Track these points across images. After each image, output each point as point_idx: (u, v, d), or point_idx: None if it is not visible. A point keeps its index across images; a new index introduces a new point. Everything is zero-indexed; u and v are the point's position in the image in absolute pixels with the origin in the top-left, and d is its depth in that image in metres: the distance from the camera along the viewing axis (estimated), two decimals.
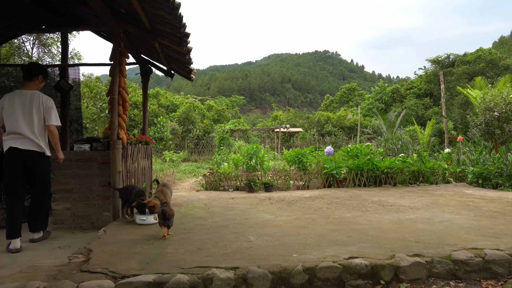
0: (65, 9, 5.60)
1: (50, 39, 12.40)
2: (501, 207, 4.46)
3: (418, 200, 5.19)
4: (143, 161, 5.33)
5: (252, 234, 3.25)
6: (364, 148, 8.02)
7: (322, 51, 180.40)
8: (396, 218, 3.89)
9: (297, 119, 34.41)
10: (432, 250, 2.59)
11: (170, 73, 6.12)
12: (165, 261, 2.46)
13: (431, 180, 7.43)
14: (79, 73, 7.09)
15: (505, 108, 9.10)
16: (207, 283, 2.13)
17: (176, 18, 3.47)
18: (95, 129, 18.48)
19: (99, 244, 2.94)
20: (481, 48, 33.47)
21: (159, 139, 19.99)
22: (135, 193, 3.86)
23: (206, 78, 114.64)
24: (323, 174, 7.24)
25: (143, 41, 5.11)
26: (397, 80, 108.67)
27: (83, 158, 4.18)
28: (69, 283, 2.09)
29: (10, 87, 6.91)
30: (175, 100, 36.91)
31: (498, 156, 6.87)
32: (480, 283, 2.35)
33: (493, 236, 3.02)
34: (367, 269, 2.31)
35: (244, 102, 57.89)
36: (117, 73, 4.20)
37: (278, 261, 2.40)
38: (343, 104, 49.35)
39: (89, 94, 18.25)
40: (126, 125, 4.47)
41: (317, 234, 3.20)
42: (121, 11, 4.31)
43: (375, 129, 25.62)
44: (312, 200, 5.42)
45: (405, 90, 37.92)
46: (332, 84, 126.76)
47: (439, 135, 21.84)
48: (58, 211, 4.15)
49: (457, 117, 14.97)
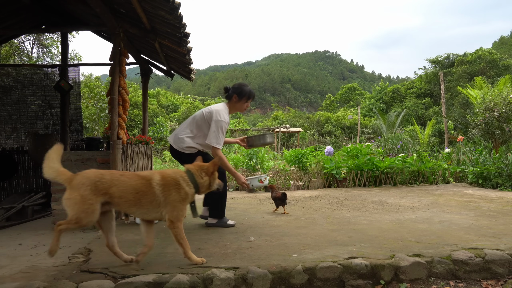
0: (65, 9, 5.60)
1: (50, 39, 12.40)
2: (501, 207, 4.46)
3: (418, 200, 5.19)
4: (143, 161, 5.32)
5: (252, 234, 3.25)
6: (364, 148, 8.02)
7: (322, 51, 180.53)
8: (396, 218, 3.89)
9: (297, 119, 34.43)
10: (432, 250, 2.59)
11: (170, 73, 6.12)
12: (165, 261, 2.46)
13: (431, 180, 7.43)
14: (79, 73, 7.09)
15: (505, 108, 9.10)
16: (207, 283, 2.13)
17: (176, 18, 3.47)
18: (95, 129, 18.49)
19: (99, 244, 2.94)
20: (481, 48, 33.51)
21: (159, 139, 20.01)
22: None
23: (206, 78, 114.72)
24: (323, 174, 7.24)
25: (143, 41, 5.11)
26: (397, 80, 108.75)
27: (83, 158, 4.18)
28: (69, 283, 2.09)
29: (10, 87, 6.92)
30: (175, 100, 36.93)
31: (498, 156, 6.87)
32: (480, 283, 2.35)
33: (493, 236, 3.02)
34: (367, 269, 2.31)
35: None
36: (117, 73, 4.20)
37: (278, 261, 2.40)
38: (344, 103, 49.37)
39: (89, 94, 18.27)
40: (126, 125, 4.47)
41: (317, 234, 3.20)
42: (121, 11, 4.31)
43: (375, 129, 25.64)
44: (312, 200, 5.42)
45: (405, 90, 37.95)
46: (332, 84, 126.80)
47: (439, 135, 21.87)
48: (58, 211, 4.14)
49: (457, 117, 14.95)
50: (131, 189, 2.36)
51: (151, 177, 2.43)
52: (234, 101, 3.66)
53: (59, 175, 2.33)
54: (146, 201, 2.38)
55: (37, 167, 6.39)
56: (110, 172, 2.44)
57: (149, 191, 2.38)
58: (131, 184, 2.38)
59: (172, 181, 2.44)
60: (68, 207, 2.29)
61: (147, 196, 2.38)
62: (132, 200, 2.36)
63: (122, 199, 2.35)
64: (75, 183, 2.31)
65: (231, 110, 3.72)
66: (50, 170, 2.32)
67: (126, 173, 2.49)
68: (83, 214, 2.26)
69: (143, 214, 2.44)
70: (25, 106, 6.92)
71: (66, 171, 2.37)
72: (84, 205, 2.26)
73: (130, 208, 2.40)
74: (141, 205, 2.39)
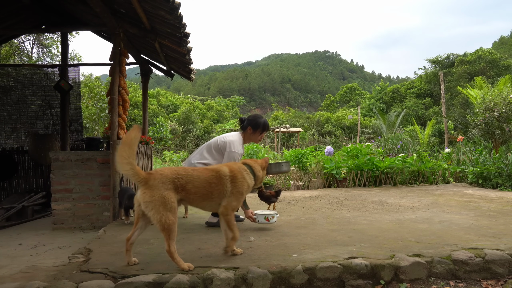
0: (65, 9, 5.60)
1: (50, 39, 12.39)
2: (501, 207, 4.46)
3: (418, 200, 5.19)
4: (143, 161, 5.32)
5: (252, 234, 3.25)
6: (364, 148, 8.02)
7: (322, 51, 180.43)
8: (396, 218, 3.89)
9: (297, 119, 34.42)
10: (432, 250, 2.59)
11: (170, 73, 6.12)
12: (165, 261, 2.46)
13: (431, 180, 7.43)
14: (79, 73, 7.10)
15: (505, 108, 9.10)
16: (207, 283, 2.13)
17: (176, 18, 3.47)
18: (95, 129, 18.49)
19: (99, 244, 2.94)
20: (481, 48, 33.50)
21: (159, 139, 20.02)
22: (128, 196, 3.83)
23: (206, 78, 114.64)
24: (323, 174, 7.24)
25: (143, 41, 5.11)
26: (397, 80, 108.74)
27: (83, 158, 4.18)
28: (69, 283, 2.09)
29: (10, 87, 6.92)
30: (175, 100, 36.94)
31: (498, 156, 6.87)
32: (480, 283, 2.35)
33: (493, 236, 3.02)
34: (367, 269, 2.30)
35: (243, 102, 57.83)
36: (117, 73, 4.20)
37: (278, 261, 2.40)
38: (343, 104, 49.37)
39: (89, 94, 18.27)
40: (126, 125, 4.47)
41: (317, 234, 3.20)
42: (121, 11, 4.31)
43: (375, 129, 25.64)
44: (312, 200, 5.42)
45: (405, 90, 37.94)
46: (332, 84, 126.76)
47: (439, 135, 21.86)
48: (58, 211, 4.15)
49: (457, 117, 14.96)
50: (205, 183, 2.43)
51: (219, 170, 2.54)
52: (249, 132, 3.69)
53: (135, 174, 2.22)
54: (217, 193, 2.47)
55: (37, 167, 6.39)
56: (182, 168, 2.47)
57: (220, 183, 2.48)
58: (204, 178, 2.44)
59: (238, 173, 2.57)
60: (152, 209, 2.20)
61: (218, 188, 2.47)
62: (205, 194, 2.43)
63: (197, 194, 2.40)
64: (154, 183, 2.24)
65: (246, 140, 3.76)
66: (127, 167, 2.21)
67: (196, 168, 2.55)
68: (170, 213, 2.21)
69: (212, 207, 2.54)
70: (25, 106, 6.92)
71: (141, 170, 2.27)
72: (168, 204, 2.22)
73: (202, 202, 2.47)
74: (211, 198, 2.47)
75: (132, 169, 2.21)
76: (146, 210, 2.23)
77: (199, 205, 2.50)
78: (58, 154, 4.20)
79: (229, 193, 2.50)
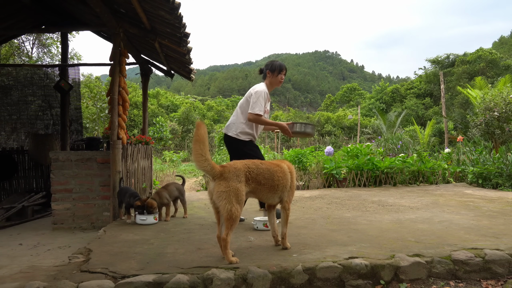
0: (65, 9, 5.60)
1: (50, 39, 12.40)
2: (501, 207, 4.46)
3: (418, 200, 5.19)
4: (143, 161, 5.33)
5: (252, 234, 3.25)
6: (364, 148, 8.01)
7: (322, 51, 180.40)
8: (396, 218, 3.89)
9: (297, 119, 34.40)
10: (432, 250, 2.59)
11: (170, 73, 6.12)
12: (165, 261, 2.46)
13: (431, 180, 7.43)
14: (79, 73, 7.10)
15: (505, 108, 9.09)
16: (207, 283, 2.13)
17: (176, 18, 3.47)
18: (95, 129, 18.48)
19: (99, 244, 2.94)
20: (481, 48, 33.48)
21: (159, 139, 20.00)
22: (129, 195, 3.84)
23: (206, 78, 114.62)
24: (323, 174, 7.24)
25: (143, 41, 5.11)
26: (397, 80, 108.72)
27: (83, 158, 4.18)
28: (69, 283, 2.09)
29: (10, 87, 6.92)
30: (175, 100, 36.94)
31: (498, 156, 6.87)
32: (480, 283, 2.35)
33: (493, 236, 3.02)
34: (367, 269, 2.30)
35: None
36: (117, 73, 4.20)
37: (278, 261, 2.40)
38: (343, 104, 49.36)
39: (89, 94, 18.26)
40: (126, 125, 4.47)
41: (317, 234, 3.20)
42: (121, 11, 4.31)
43: (375, 129, 25.62)
44: (312, 200, 5.42)
45: (405, 90, 37.92)
46: (332, 84, 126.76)
47: (439, 135, 21.85)
48: (58, 211, 4.15)
49: (457, 117, 14.94)
50: (273, 176, 2.58)
51: (281, 165, 2.71)
52: (269, 76, 3.84)
53: (212, 169, 2.31)
54: (281, 185, 2.63)
55: (37, 167, 6.39)
56: (251, 161, 2.57)
57: (285, 176, 2.65)
58: (272, 171, 2.59)
59: (293, 169, 2.80)
60: (224, 199, 2.30)
61: (283, 181, 2.63)
62: (272, 186, 2.57)
63: (265, 186, 2.54)
64: (228, 175, 2.35)
65: (269, 87, 3.88)
66: (206, 163, 2.28)
67: (263, 162, 2.66)
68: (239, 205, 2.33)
69: (273, 198, 2.67)
70: (25, 106, 6.92)
71: (216, 164, 2.37)
72: (240, 196, 2.34)
73: (267, 194, 2.60)
74: (276, 191, 2.61)
75: (210, 165, 2.30)
76: (218, 200, 2.32)
77: (264, 196, 2.62)
78: (58, 154, 4.20)
79: (288, 187, 2.68)
